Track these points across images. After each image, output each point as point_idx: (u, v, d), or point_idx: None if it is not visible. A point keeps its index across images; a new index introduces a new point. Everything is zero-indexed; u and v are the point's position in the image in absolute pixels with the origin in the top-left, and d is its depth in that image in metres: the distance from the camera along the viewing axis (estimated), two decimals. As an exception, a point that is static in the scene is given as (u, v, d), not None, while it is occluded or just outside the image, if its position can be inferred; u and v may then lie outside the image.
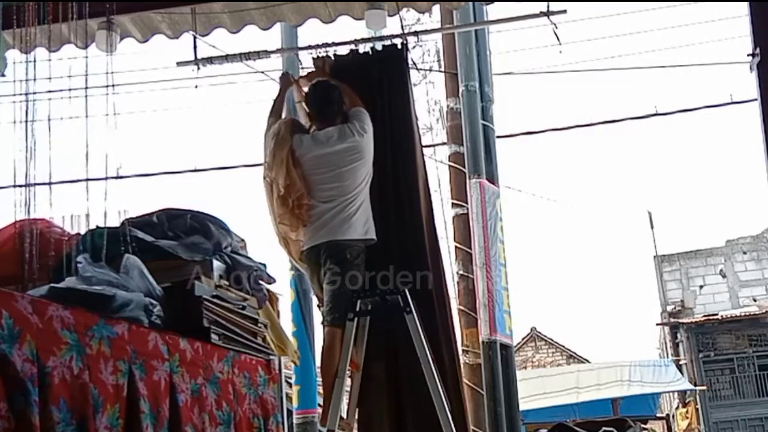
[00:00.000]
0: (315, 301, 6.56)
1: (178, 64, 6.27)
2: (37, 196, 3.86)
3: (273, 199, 5.62)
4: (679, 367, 24.71)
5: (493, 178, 7.95)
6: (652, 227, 28.62)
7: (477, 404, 7.71)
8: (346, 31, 6.34)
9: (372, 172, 5.56)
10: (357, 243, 5.39)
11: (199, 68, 6.19)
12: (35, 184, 3.85)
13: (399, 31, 6.32)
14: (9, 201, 3.86)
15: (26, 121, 3.90)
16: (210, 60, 6.20)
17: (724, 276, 27.58)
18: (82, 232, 4.18)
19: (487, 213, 7.74)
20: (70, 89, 4.30)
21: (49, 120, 3.89)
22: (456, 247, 8.44)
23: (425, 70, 12.75)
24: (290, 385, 8.71)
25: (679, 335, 27.09)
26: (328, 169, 5.46)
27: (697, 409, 24.74)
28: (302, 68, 6.34)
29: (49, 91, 4.22)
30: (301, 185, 5.48)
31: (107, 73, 4.43)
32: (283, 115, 5.96)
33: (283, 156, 5.51)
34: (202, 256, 4.07)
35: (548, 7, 5.77)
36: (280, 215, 5.57)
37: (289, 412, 7.43)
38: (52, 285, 3.38)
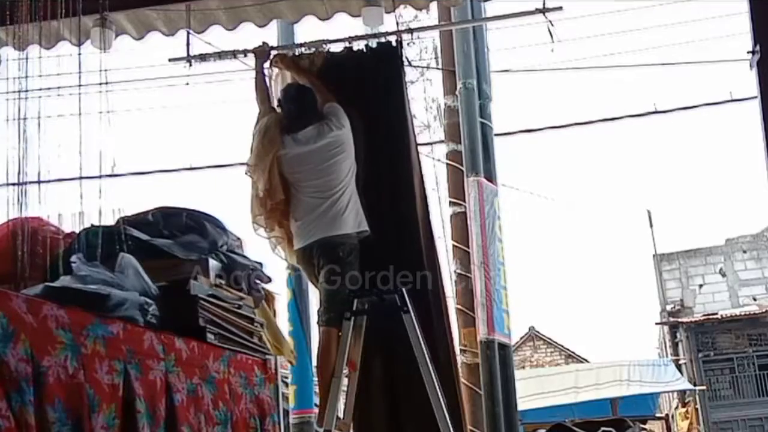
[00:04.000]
0: (313, 300, 6.54)
1: (171, 60, 6.23)
2: (31, 195, 3.84)
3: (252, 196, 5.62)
4: (679, 367, 24.71)
5: (491, 177, 7.95)
6: (651, 226, 28.62)
7: (475, 404, 7.69)
8: (343, 28, 6.31)
9: (356, 164, 5.54)
10: (350, 239, 5.37)
11: (191, 65, 6.15)
12: (28, 183, 3.83)
13: (396, 28, 6.29)
14: (2, 199, 3.85)
15: (19, 119, 3.87)
16: (203, 57, 6.16)
17: (723, 275, 27.57)
18: (77, 231, 4.16)
19: (486, 212, 7.73)
20: (63, 87, 4.29)
21: (39, 117, 3.86)
22: (454, 246, 8.42)
23: (423, 67, 12.78)
24: (286, 384, 8.70)
25: (678, 335, 27.09)
26: (311, 167, 5.44)
27: (696, 409, 24.74)
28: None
29: (42, 89, 4.20)
30: (281, 192, 5.45)
31: (101, 70, 4.41)
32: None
33: (268, 161, 5.46)
34: (198, 255, 4.06)
35: (544, 3, 5.75)
36: (256, 216, 5.56)
37: (285, 412, 7.43)
38: (46, 284, 3.36)
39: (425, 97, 13.97)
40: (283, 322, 7.93)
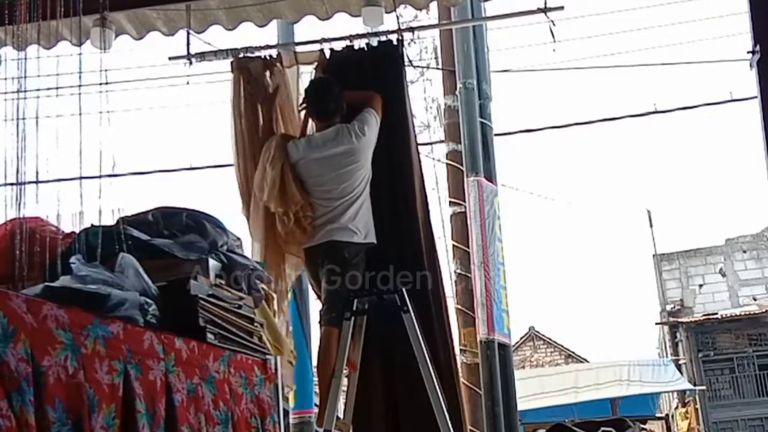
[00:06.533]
0: (312, 300, 6.53)
1: (170, 58, 6.23)
2: (29, 195, 3.83)
3: (261, 221, 5.59)
4: (679, 367, 24.73)
5: (491, 177, 7.94)
6: (651, 226, 28.68)
7: (475, 404, 7.69)
8: (343, 27, 6.31)
9: (370, 170, 5.53)
10: (356, 245, 5.37)
11: (191, 63, 6.15)
12: (26, 183, 3.82)
13: (396, 27, 6.28)
14: (0, 199, 3.84)
15: (17, 119, 3.87)
16: (202, 55, 6.16)
17: (723, 275, 27.59)
18: (77, 231, 4.15)
19: (485, 212, 7.73)
20: (63, 87, 4.28)
21: (36, 117, 3.86)
22: (454, 246, 8.42)
23: (423, 67, 12.78)
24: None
25: (678, 334, 27.12)
26: (324, 172, 5.43)
27: (696, 409, 24.75)
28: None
29: (41, 89, 4.20)
30: (300, 197, 5.41)
31: (101, 70, 4.41)
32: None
33: (275, 176, 5.44)
34: (197, 255, 4.04)
35: (546, 3, 5.74)
36: (286, 234, 5.50)
37: (285, 412, 7.41)
38: (46, 284, 3.35)
39: (425, 97, 13.97)
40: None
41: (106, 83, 4.34)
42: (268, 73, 6.00)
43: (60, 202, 4.11)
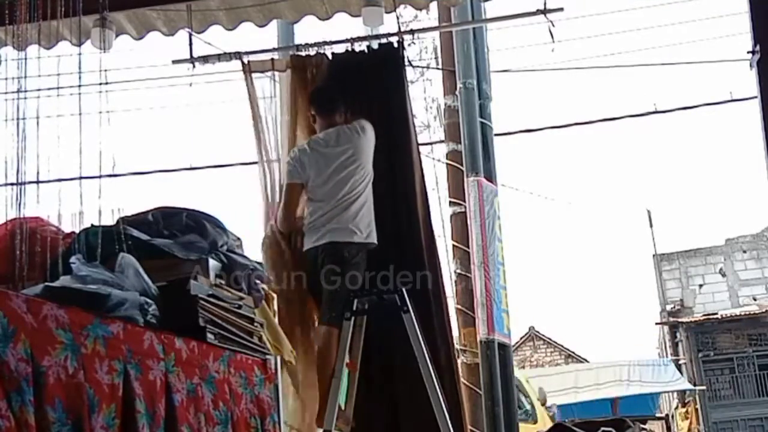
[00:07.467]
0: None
1: (174, 62, 6.24)
2: (29, 195, 3.84)
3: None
4: (679, 367, 24.73)
5: (491, 177, 7.94)
6: (651, 226, 28.66)
7: (475, 404, 7.69)
8: (343, 28, 6.32)
9: (372, 172, 5.54)
10: (357, 245, 5.37)
11: (194, 66, 6.16)
12: (27, 183, 3.82)
13: (396, 28, 6.29)
14: (1, 199, 3.84)
15: (17, 119, 3.87)
16: (205, 58, 6.17)
17: (723, 275, 27.57)
18: (77, 231, 4.15)
19: (485, 212, 7.73)
20: (63, 87, 4.28)
21: (37, 117, 3.86)
22: (454, 246, 8.42)
23: (423, 67, 12.78)
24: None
25: (678, 334, 27.10)
26: (325, 172, 5.44)
27: (696, 409, 24.73)
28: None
29: (41, 89, 4.20)
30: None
31: (101, 70, 4.41)
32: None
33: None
34: (197, 255, 4.04)
35: (545, 4, 5.75)
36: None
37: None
38: (46, 284, 3.35)
39: (425, 97, 13.95)
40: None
41: (106, 83, 4.35)
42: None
43: (60, 202, 4.11)
